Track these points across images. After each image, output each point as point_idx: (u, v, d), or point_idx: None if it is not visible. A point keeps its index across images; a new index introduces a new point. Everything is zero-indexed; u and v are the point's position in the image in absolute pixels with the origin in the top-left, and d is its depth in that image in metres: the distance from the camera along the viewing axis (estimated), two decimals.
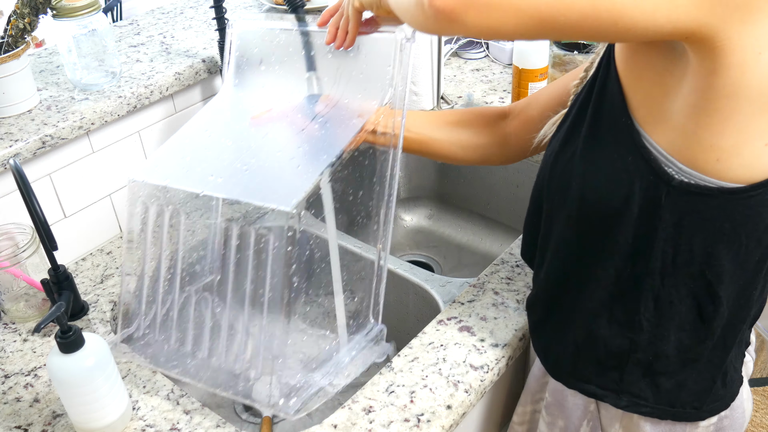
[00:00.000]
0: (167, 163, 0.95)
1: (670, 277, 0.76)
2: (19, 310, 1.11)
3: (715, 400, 0.84)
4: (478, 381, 0.96)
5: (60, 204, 1.20)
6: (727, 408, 0.86)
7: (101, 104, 1.18)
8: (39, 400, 0.96)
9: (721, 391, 0.84)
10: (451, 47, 1.84)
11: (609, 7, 0.59)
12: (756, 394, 2.13)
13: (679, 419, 0.85)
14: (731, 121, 0.64)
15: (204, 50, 1.35)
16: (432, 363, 0.99)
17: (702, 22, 0.59)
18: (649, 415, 0.85)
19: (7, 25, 1.13)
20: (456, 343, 1.02)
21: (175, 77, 1.27)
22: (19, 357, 1.05)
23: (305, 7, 1.49)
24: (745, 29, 0.59)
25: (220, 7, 1.22)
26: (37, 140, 1.11)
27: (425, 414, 0.91)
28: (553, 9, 0.60)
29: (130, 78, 1.26)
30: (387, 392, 0.95)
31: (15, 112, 1.17)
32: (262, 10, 1.52)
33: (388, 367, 0.99)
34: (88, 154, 1.21)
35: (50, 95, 1.22)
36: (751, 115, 0.63)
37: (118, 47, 1.38)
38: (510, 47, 1.78)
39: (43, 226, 0.96)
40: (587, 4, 0.60)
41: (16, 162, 0.95)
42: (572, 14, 0.60)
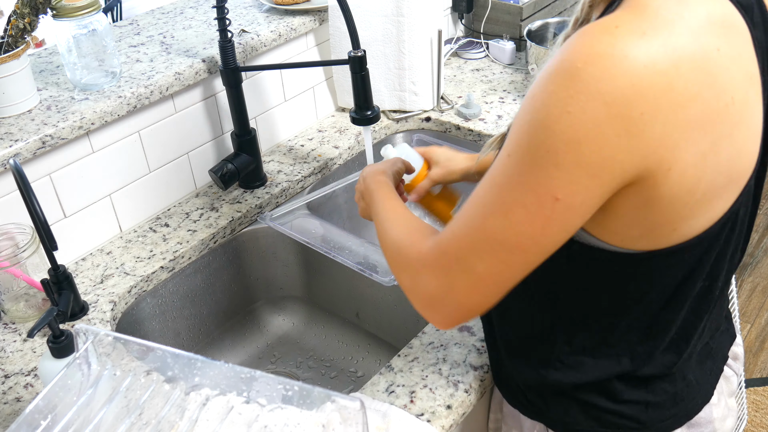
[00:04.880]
0: None
1: (581, 324, 0.80)
2: (19, 310, 1.11)
3: (662, 419, 0.84)
4: (478, 381, 0.96)
5: (60, 204, 1.20)
6: (680, 426, 0.85)
7: (101, 104, 1.18)
8: None
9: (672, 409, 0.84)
10: (451, 47, 1.84)
11: (524, 260, 0.67)
12: (756, 394, 2.13)
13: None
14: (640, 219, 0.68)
15: (204, 50, 1.35)
16: (432, 363, 0.99)
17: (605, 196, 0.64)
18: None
19: (7, 25, 1.13)
20: (456, 343, 1.02)
21: (175, 77, 1.27)
22: (19, 357, 1.04)
23: (305, 8, 1.50)
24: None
25: (222, 7, 1.22)
26: (37, 140, 1.11)
27: (425, 414, 0.91)
28: (499, 276, 0.68)
29: (130, 78, 1.26)
30: (387, 392, 0.95)
31: (15, 112, 1.17)
32: (262, 10, 1.52)
33: (388, 367, 0.99)
34: (88, 154, 1.21)
35: (50, 95, 1.22)
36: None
37: (118, 47, 1.38)
38: (510, 47, 1.78)
39: (43, 226, 0.96)
40: (521, 262, 0.67)
41: (16, 162, 0.95)
42: (517, 272, 0.68)
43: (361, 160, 1.58)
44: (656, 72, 0.58)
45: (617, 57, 0.58)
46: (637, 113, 0.59)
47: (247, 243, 1.38)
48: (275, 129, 1.53)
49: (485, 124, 1.55)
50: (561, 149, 0.60)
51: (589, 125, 0.59)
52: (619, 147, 0.60)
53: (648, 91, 0.59)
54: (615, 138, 0.59)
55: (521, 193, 0.63)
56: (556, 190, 0.62)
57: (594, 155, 0.60)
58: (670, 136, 0.60)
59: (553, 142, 0.60)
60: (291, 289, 1.48)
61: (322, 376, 1.36)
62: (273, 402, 0.76)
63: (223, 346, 1.41)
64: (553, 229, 0.64)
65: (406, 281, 0.76)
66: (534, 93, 0.63)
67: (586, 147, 0.60)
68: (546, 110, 0.61)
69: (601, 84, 0.58)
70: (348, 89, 1.60)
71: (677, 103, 0.60)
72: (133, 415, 0.76)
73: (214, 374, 0.77)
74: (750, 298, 2.48)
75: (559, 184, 0.62)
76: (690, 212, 0.67)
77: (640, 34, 0.59)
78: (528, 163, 0.63)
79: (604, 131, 0.59)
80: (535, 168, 0.62)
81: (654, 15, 0.60)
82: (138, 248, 1.27)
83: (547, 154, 0.61)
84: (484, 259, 0.67)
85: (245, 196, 1.39)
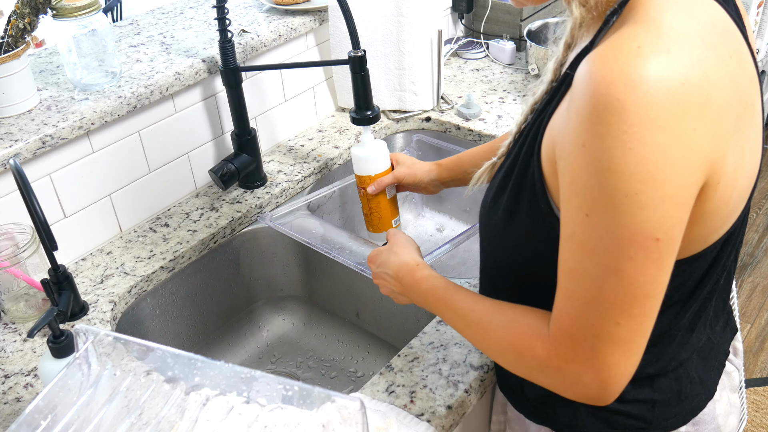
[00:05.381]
0: None
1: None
2: (19, 310, 1.11)
3: (667, 417, 0.84)
4: (478, 381, 0.96)
5: (60, 204, 1.20)
6: (685, 424, 0.85)
7: (101, 104, 1.18)
8: None
9: (677, 407, 0.84)
10: (451, 47, 1.84)
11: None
12: (756, 394, 2.13)
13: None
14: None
15: (204, 50, 1.35)
16: (432, 363, 0.99)
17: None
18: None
19: (7, 25, 1.13)
20: (456, 343, 1.02)
21: (175, 77, 1.27)
22: (19, 357, 1.05)
23: (305, 8, 1.50)
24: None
25: (222, 7, 1.22)
26: (37, 140, 1.11)
27: (425, 414, 0.91)
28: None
29: (130, 78, 1.26)
30: (387, 392, 0.95)
31: (15, 112, 1.17)
32: (262, 10, 1.52)
33: (388, 367, 0.99)
34: (88, 154, 1.21)
35: (50, 95, 1.22)
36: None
37: (118, 47, 1.38)
38: (510, 47, 1.78)
39: (43, 226, 0.96)
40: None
41: (16, 162, 0.95)
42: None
43: None
44: (693, 87, 0.58)
45: (654, 79, 0.56)
46: (690, 129, 0.58)
47: (247, 243, 1.38)
48: (275, 129, 1.53)
49: (485, 124, 1.56)
50: (639, 189, 0.58)
51: (655, 155, 0.57)
52: (689, 168, 0.59)
53: (691, 107, 0.58)
54: (682, 160, 0.58)
55: (622, 248, 0.60)
56: (653, 231, 0.59)
57: (671, 184, 0.58)
58: (719, 147, 0.60)
59: (629, 185, 0.58)
60: (291, 289, 1.48)
61: (322, 376, 1.36)
62: (273, 402, 0.76)
63: (223, 346, 1.41)
64: (667, 266, 0.62)
65: (552, 383, 0.71)
66: (581, 141, 0.60)
67: (661, 177, 0.58)
68: (607, 155, 0.58)
69: (649, 110, 0.56)
70: (348, 89, 1.60)
71: (717, 114, 0.59)
72: (133, 415, 0.76)
73: (214, 374, 0.77)
74: (750, 298, 2.48)
75: (653, 225, 0.59)
76: (722, 223, 0.68)
77: (666, 52, 0.58)
78: (613, 216, 0.60)
79: (671, 156, 0.58)
80: (623, 217, 0.59)
81: (669, 30, 0.59)
82: (138, 248, 1.27)
83: (626, 199, 0.58)
84: (621, 323, 0.63)
85: (245, 196, 1.39)
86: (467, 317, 0.79)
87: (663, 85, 0.57)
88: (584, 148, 0.59)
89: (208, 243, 1.30)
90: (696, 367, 0.85)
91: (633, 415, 0.83)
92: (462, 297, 0.81)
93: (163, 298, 1.26)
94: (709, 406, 0.87)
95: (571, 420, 0.85)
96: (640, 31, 0.60)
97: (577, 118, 0.60)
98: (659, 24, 0.60)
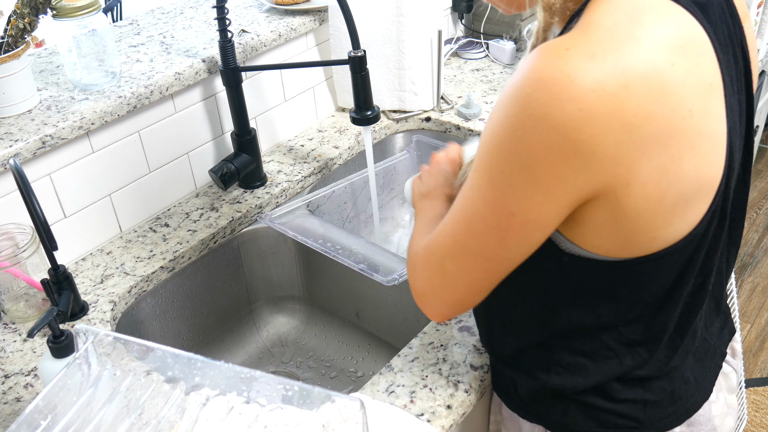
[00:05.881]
0: None
1: (580, 331, 0.80)
2: (19, 310, 1.11)
3: (660, 418, 0.84)
4: (478, 381, 0.96)
5: (60, 204, 1.20)
6: (680, 424, 0.85)
7: (101, 104, 1.18)
8: None
9: (670, 408, 0.84)
10: (451, 47, 1.84)
11: (498, 268, 0.73)
12: (756, 394, 2.13)
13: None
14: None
15: (204, 50, 1.35)
16: (432, 363, 0.99)
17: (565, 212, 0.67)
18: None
19: (7, 25, 1.13)
20: (456, 343, 1.02)
21: (175, 77, 1.27)
22: (19, 357, 1.05)
23: (305, 8, 1.50)
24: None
25: (222, 7, 1.22)
26: (37, 140, 1.11)
27: (425, 414, 0.91)
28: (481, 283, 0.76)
29: (130, 78, 1.26)
30: (387, 392, 0.95)
31: (15, 112, 1.17)
32: (262, 10, 1.52)
33: (388, 367, 0.99)
34: (88, 154, 1.21)
35: (50, 95, 1.22)
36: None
37: (118, 47, 1.38)
38: (510, 47, 1.78)
39: (43, 226, 0.96)
40: (488, 270, 0.74)
41: (16, 162, 0.95)
42: (492, 279, 0.76)
43: (361, 160, 1.58)
44: (605, 94, 0.60)
45: (564, 82, 0.60)
46: (586, 136, 0.60)
47: (247, 243, 1.38)
48: (275, 129, 1.53)
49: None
50: (514, 170, 0.64)
51: (538, 148, 0.62)
52: (569, 167, 0.62)
53: (597, 114, 0.60)
54: (565, 160, 0.62)
55: (482, 207, 0.69)
56: (511, 206, 0.66)
57: (545, 175, 0.63)
58: (624, 153, 0.62)
59: (507, 164, 0.65)
60: (291, 289, 1.48)
61: (322, 376, 1.36)
62: (273, 402, 0.76)
63: (223, 346, 1.41)
64: (512, 241, 0.69)
65: (407, 274, 0.83)
66: (492, 116, 0.66)
67: (538, 168, 0.63)
68: (500, 133, 0.65)
69: (548, 109, 0.60)
70: (348, 89, 1.60)
71: (629, 123, 0.61)
72: (133, 415, 0.76)
73: (214, 374, 0.77)
74: (750, 298, 2.48)
75: (513, 201, 0.66)
76: (664, 221, 0.68)
77: (589, 57, 0.60)
78: (487, 181, 0.68)
79: (553, 153, 0.62)
80: (493, 185, 0.67)
81: (605, 36, 0.61)
82: (138, 248, 1.27)
83: (501, 174, 0.66)
84: (455, 261, 0.74)
85: (245, 196, 1.39)
86: (421, 214, 0.91)
87: (572, 89, 0.59)
88: (490, 120, 0.67)
89: (208, 243, 1.30)
90: (691, 368, 0.85)
91: (624, 415, 0.83)
92: (428, 227, 0.88)
93: (163, 298, 1.27)
94: (705, 407, 0.87)
95: (563, 418, 0.86)
96: (578, 34, 0.62)
97: (500, 96, 0.67)
98: (597, 29, 0.62)
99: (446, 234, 0.74)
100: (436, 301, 0.79)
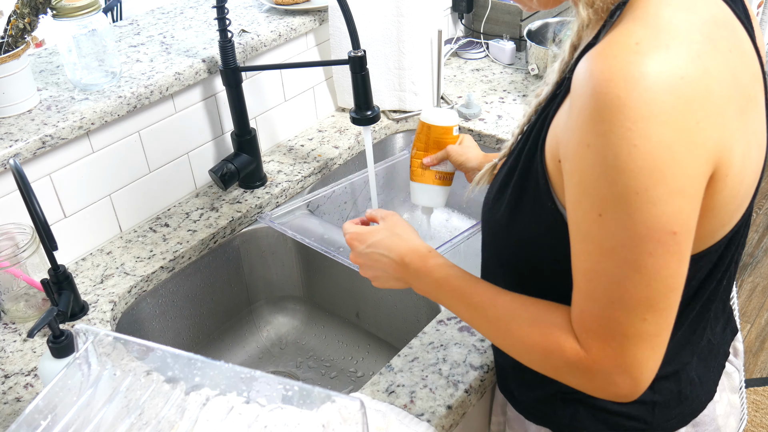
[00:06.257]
0: None
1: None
2: (19, 310, 1.11)
3: (668, 419, 0.84)
4: (478, 381, 0.96)
5: (60, 204, 1.20)
6: (685, 425, 0.85)
7: (101, 104, 1.18)
8: None
9: (677, 408, 0.84)
10: (451, 47, 1.84)
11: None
12: (756, 394, 2.13)
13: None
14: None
15: (204, 50, 1.35)
16: (432, 363, 0.99)
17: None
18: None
19: (7, 25, 1.13)
20: (456, 343, 1.02)
21: (175, 77, 1.27)
22: (19, 357, 1.05)
23: (305, 8, 1.50)
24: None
25: (222, 7, 1.22)
26: (37, 140, 1.11)
27: (425, 414, 0.91)
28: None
29: (130, 78, 1.26)
30: (387, 392, 0.95)
31: (15, 112, 1.17)
32: (262, 10, 1.52)
33: (388, 367, 0.99)
34: (88, 154, 1.21)
35: (50, 95, 1.22)
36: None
37: (118, 47, 1.38)
38: (510, 47, 1.78)
39: (43, 226, 0.96)
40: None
41: (16, 162, 0.95)
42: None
43: (361, 160, 1.58)
44: (693, 80, 0.58)
45: (654, 75, 0.57)
46: (693, 123, 0.58)
47: (247, 243, 1.38)
48: (275, 129, 1.53)
49: (485, 124, 1.55)
50: (650, 185, 0.58)
51: (661, 150, 0.57)
52: (695, 160, 0.59)
53: (693, 100, 0.58)
54: (688, 153, 0.58)
55: (640, 245, 0.60)
56: (669, 225, 0.60)
57: (680, 177, 0.59)
58: (725, 140, 0.61)
59: (639, 181, 0.58)
60: (291, 289, 1.48)
61: (322, 376, 1.36)
62: (273, 402, 0.76)
63: (223, 346, 1.41)
64: (686, 258, 0.63)
65: (581, 384, 0.70)
66: (585, 141, 0.60)
67: (670, 172, 0.58)
68: (613, 153, 0.58)
69: (651, 106, 0.57)
70: (348, 89, 1.60)
71: (720, 106, 0.60)
72: (133, 415, 0.76)
73: (214, 374, 0.77)
74: (750, 298, 2.48)
75: (668, 219, 0.59)
76: (729, 219, 0.68)
77: (665, 48, 0.58)
78: (627, 213, 0.60)
79: (676, 150, 0.58)
80: (637, 214, 0.59)
81: (668, 25, 0.60)
82: (138, 248, 1.27)
83: (638, 196, 0.59)
84: (647, 319, 0.63)
85: (245, 196, 1.39)
86: (487, 312, 0.76)
87: (663, 80, 0.57)
88: (589, 147, 0.60)
89: (208, 243, 1.30)
90: (696, 369, 0.85)
91: (633, 417, 0.83)
92: (481, 289, 0.78)
93: (163, 298, 1.27)
94: (709, 407, 0.87)
95: (571, 421, 0.85)
96: (639, 27, 0.60)
97: (579, 117, 0.60)
98: (657, 20, 0.60)
99: (615, 302, 0.63)
100: (646, 377, 0.66)
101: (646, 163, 0.57)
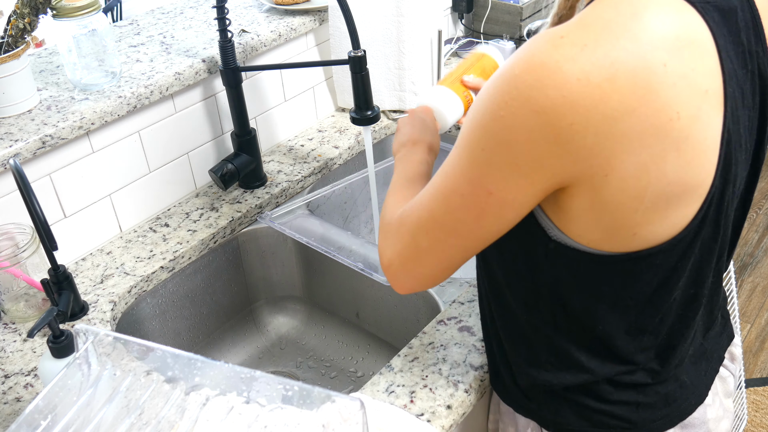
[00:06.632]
0: None
1: (562, 329, 0.80)
2: (19, 310, 1.11)
3: (653, 420, 0.84)
4: (478, 381, 0.96)
5: (60, 204, 1.20)
6: (673, 426, 0.85)
7: (101, 104, 1.18)
8: None
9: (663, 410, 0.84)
10: (451, 47, 1.84)
11: (468, 246, 0.74)
12: (756, 394, 2.13)
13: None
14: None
15: (204, 50, 1.35)
16: (432, 363, 0.99)
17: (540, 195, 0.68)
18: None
19: (7, 25, 1.13)
20: (456, 343, 1.02)
21: (175, 77, 1.27)
22: (19, 357, 1.05)
23: (305, 8, 1.50)
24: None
25: (222, 7, 1.22)
26: (37, 140, 1.11)
27: (425, 414, 0.91)
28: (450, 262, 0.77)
29: (130, 78, 1.26)
30: (387, 392, 0.95)
31: (15, 112, 1.17)
32: (262, 10, 1.52)
33: (388, 367, 0.99)
34: (88, 154, 1.21)
35: (50, 95, 1.22)
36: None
37: (118, 47, 1.38)
38: (510, 47, 1.78)
39: (43, 226, 0.96)
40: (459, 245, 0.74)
41: (16, 162, 0.95)
42: (465, 254, 0.76)
43: (361, 160, 1.58)
44: (589, 85, 0.60)
45: (552, 68, 0.61)
46: (566, 123, 0.61)
47: (247, 243, 1.38)
48: (275, 129, 1.53)
49: None
50: (494, 149, 0.65)
51: (519, 130, 0.63)
52: (548, 152, 0.63)
53: (579, 103, 0.60)
54: (544, 144, 0.63)
55: (460, 184, 0.70)
56: (490, 185, 0.67)
57: (524, 157, 0.64)
58: (603, 145, 0.62)
59: (488, 142, 0.66)
60: (291, 289, 1.48)
61: (322, 376, 1.36)
62: (273, 402, 0.76)
63: (223, 346, 1.41)
64: (487, 220, 0.70)
65: (378, 242, 0.84)
66: (481, 93, 0.67)
67: (517, 149, 0.64)
68: (484, 111, 0.65)
69: (533, 92, 0.61)
70: (348, 89, 1.60)
71: (610, 116, 0.61)
72: (133, 415, 0.76)
73: (214, 374, 0.77)
74: (750, 298, 2.48)
75: (492, 180, 0.67)
76: (644, 218, 0.68)
77: (581, 47, 0.61)
78: (467, 158, 0.68)
79: (533, 137, 0.63)
80: (473, 163, 0.68)
81: (601, 28, 0.62)
82: (138, 248, 1.27)
83: (482, 152, 0.67)
84: (428, 236, 0.75)
85: (245, 196, 1.39)
86: (395, 178, 0.92)
87: (558, 76, 0.60)
88: (479, 97, 0.67)
89: (208, 243, 1.30)
90: (687, 372, 0.85)
91: (616, 416, 0.83)
92: (408, 186, 0.89)
93: (163, 298, 1.27)
94: (700, 410, 0.87)
95: (555, 417, 0.86)
96: (575, 23, 0.63)
97: (492, 75, 0.67)
98: (596, 21, 0.63)
99: (422, 207, 0.75)
100: (404, 274, 0.79)
101: (502, 134, 0.64)
